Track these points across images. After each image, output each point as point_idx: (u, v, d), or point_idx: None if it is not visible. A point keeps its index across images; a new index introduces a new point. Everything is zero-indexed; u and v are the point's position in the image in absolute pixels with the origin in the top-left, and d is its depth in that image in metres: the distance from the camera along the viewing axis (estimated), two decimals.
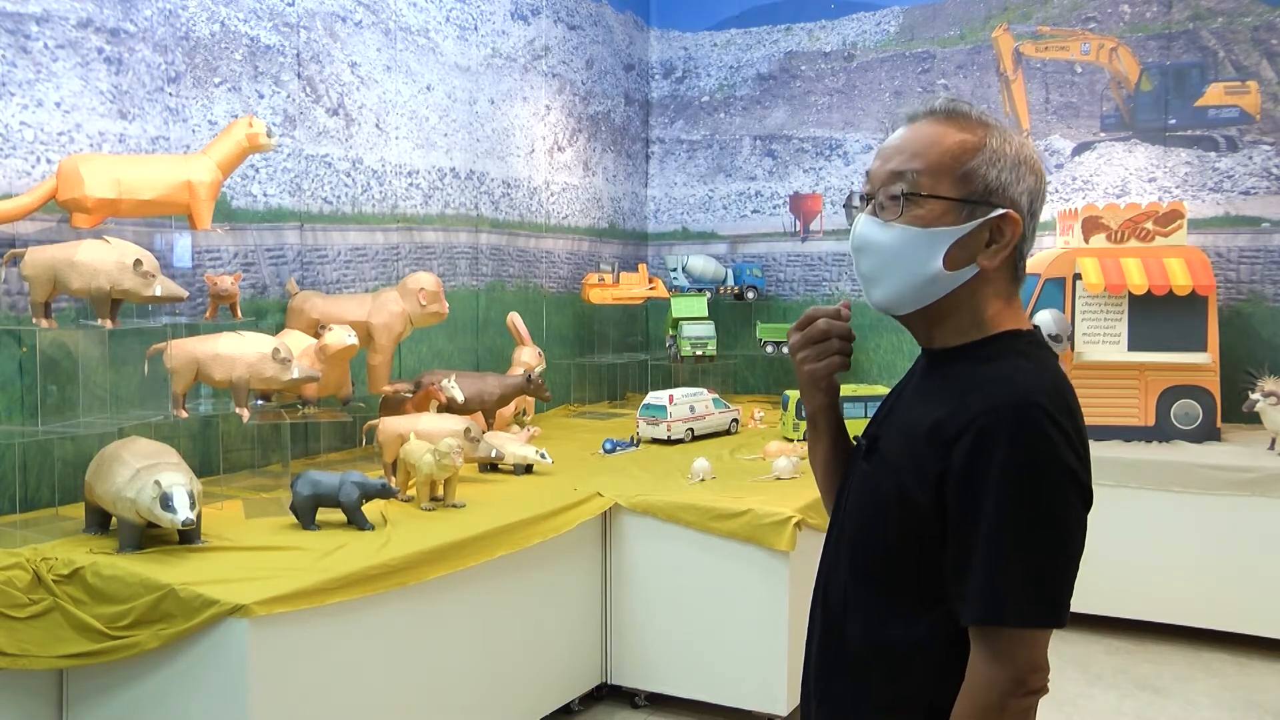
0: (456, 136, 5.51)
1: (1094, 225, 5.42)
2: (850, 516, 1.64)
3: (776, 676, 3.82)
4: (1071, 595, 1.47)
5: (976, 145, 1.54)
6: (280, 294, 4.46)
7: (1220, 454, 4.95)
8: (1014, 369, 1.50)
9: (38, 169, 3.57)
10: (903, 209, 1.55)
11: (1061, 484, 1.43)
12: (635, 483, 4.23)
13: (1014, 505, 1.42)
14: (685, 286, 6.54)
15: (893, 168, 1.57)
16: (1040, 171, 1.60)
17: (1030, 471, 1.42)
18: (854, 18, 6.75)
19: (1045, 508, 1.43)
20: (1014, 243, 1.56)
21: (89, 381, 3.69)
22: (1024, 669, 1.44)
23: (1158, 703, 4.31)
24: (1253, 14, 5.80)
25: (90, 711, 2.95)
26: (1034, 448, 1.42)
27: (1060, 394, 1.48)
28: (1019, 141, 1.58)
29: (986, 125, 1.56)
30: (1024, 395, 1.45)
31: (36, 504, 3.54)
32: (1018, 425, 1.43)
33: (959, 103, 1.59)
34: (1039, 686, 1.46)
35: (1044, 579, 1.44)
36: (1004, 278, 1.58)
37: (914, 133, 1.58)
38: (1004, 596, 1.43)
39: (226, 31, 4.22)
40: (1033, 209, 1.58)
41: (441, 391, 4.34)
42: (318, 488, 3.39)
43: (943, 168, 1.54)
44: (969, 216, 1.53)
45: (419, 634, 3.25)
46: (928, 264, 1.54)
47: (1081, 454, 1.47)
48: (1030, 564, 1.43)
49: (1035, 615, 1.44)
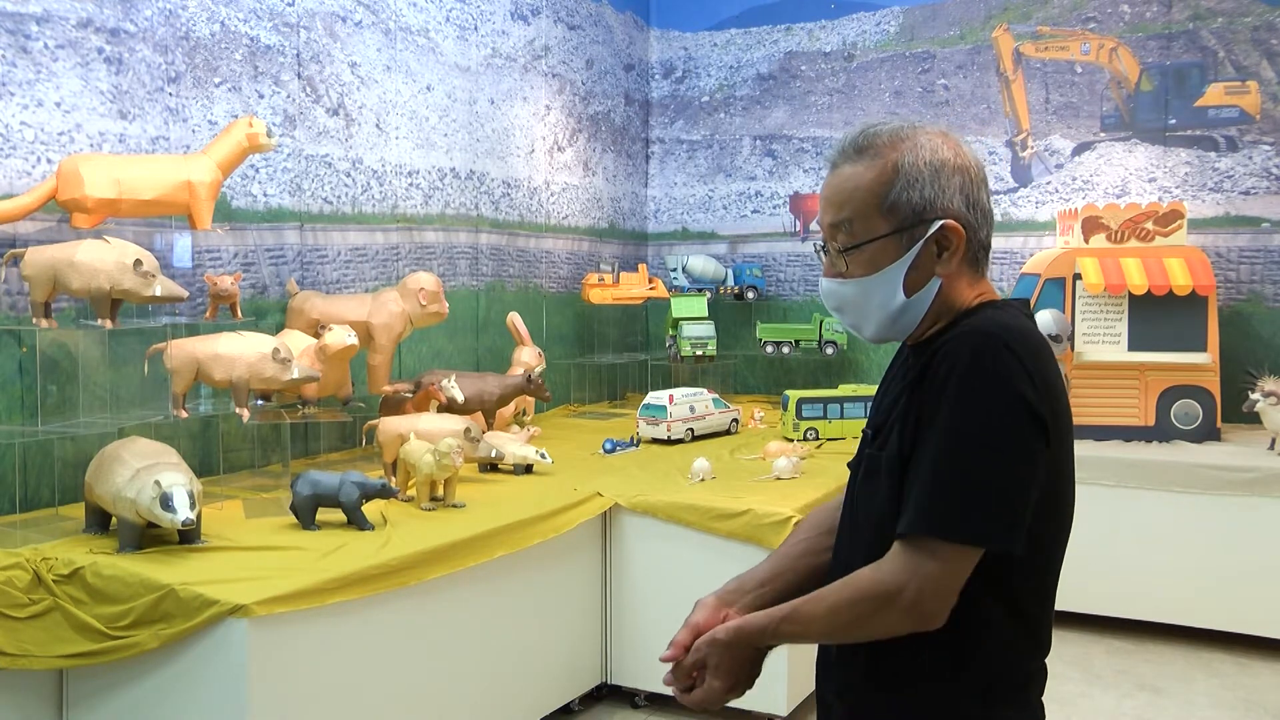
0: (456, 136, 5.51)
1: (1094, 225, 5.42)
2: (859, 504, 1.66)
3: (776, 676, 3.82)
4: (1019, 522, 1.46)
5: (891, 174, 1.57)
6: (280, 294, 4.46)
7: (1220, 454, 4.95)
8: (983, 316, 1.57)
9: (38, 169, 3.57)
10: (848, 261, 1.62)
11: (1013, 408, 1.45)
12: (635, 483, 4.23)
13: (958, 421, 1.46)
14: (685, 286, 6.54)
15: (829, 221, 1.64)
16: (967, 165, 1.61)
17: (980, 393, 1.46)
18: (854, 18, 6.75)
19: (991, 427, 1.45)
20: (962, 245, 1.59)
21: (89, 381, 3.69)
22: (919, 589, 1.44)
23: (1158, 703, 4.31)
24: (1253, 14, 5.80)
25: (90, 711, 2.95)
26: (986, 371, 1.47)
27: (1027, 335, 1.52)
28: (934, 147, 1.59)
29: (899, 145, 1.59)
30: (986, 327, 1.52)
31: (36, 504, 3.54)
32: (974, 350, 1.49)
33: (868, 131, 1.62)
34: (924, 614, 1.45)
35: (979, 495, 1.44)
36: (966, 272, 1.63)
37: (837, 180, 1.62)
38: (934, 507, 1.45)
39: (226, 31, 4.22)
40: (970, 203, 1.60)
41: (441, 391, 4.34)
42: (318, 488, 3.39)
43: (869, 207, 1.58)
44: (910, 241, 1.58)
45: (419, 634, 3.25)
46: (893, 299, 1.61)
47: (1041, 390, 1.48)
48: (967, 478, 1.45)
49: (961, 528, 1.44)
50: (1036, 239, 6.25)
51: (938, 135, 1.61)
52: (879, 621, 1.49)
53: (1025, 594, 1.56)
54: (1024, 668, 1.59)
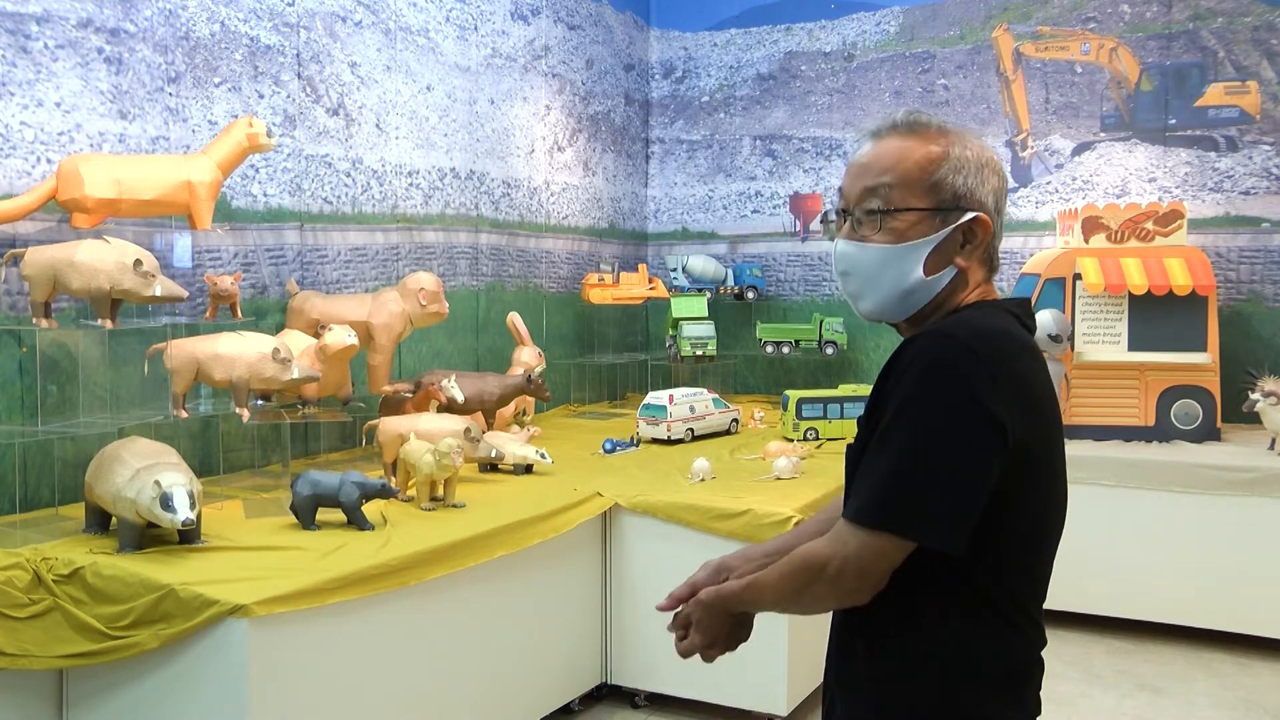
0: (456, 136, 5.51)
1: (1094, 225, 5.42)
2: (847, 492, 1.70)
3: (776, 676, 3.82)
4: (958, 522, 1.48)
5: (941, 155, 1.63)
6: (280, 294, 4.46)
7: (1220, 454, 4.95)
8: (956, 319, 1.61)
9: (38, 169, 3.57)
10: (880, 224, 1.64)
11: (966, 409, 1.48)
12: (635, 483, 4.23)
13: (909, 417, 1.50)
14: (685, 286, 6.54)
15: (865, 184, 1.66)
16: (1001, 171, 1.70)
17: (933, 392, 1.49)
18: (854, 18, 6.75)
19: (938, 427, 1.48)
20: (986, 241, 1.66)
21: (89, 381, 3.69)
22: (841, 564, 1.51)
23: (1158, 703, 4.31)
24: (1253, 14, 5.80)
25: (90, 711, 2.95)
26: (942, 371, 1.50)
27: (995, 337, 1.55)
28: (978, 146, 1.67)
29: (947, 134, 1.66)
30: (952, 328, 1.55)
31: (36, 504, 3.54)
32: (935, 349, 1.52)
33: (919, 114, 1.68)
34: (846, 589, 1.53)
35: (915, 489, 1.48)
36: (979, 271, 1.68)
37: (881, 148, 1.66)
38: (871, 496, 1.51)
39: (226, 31, 4.22)
40: (998, 207, 1.68)
41: (441, 391, 4.34)
42: (318, 488, 3.39)
43: (913, 180, 1.63)
44: (942, 223, 1.63)
45: (419, 634, 3.25)
46: (909, 274, 1.64)
47: (1005, 392, 1.50)
48: (907, 473, 1.49)
49: (888, 519, 1.49)
50: (1036, 239, 6.25)
51: (979, 140, 1.70)
52: (810, 593, 1.57)
53: (1016, 591, 1.59)
54: (1016, 663, 1.61)
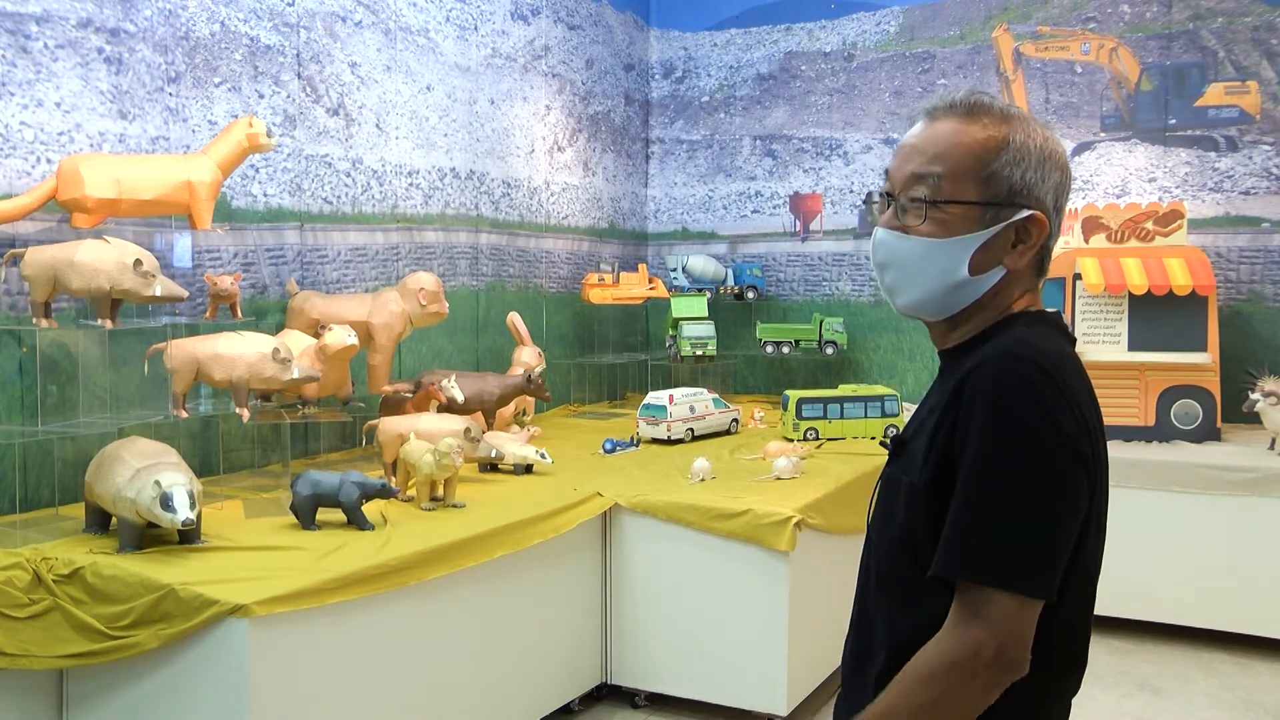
0: (456, 136, 5.51)
1: (1094, 225, 5.42)
2: (876, 519, 1.61)
3: (776, 676, 3.82)
4: (1055, 564, 1.36)
5: (1000, 144, 1.48)
6: (280, 294, 4.46)
7: (1220, 454, 4.95)
8: (1014, 336, 1.47)
9: (38, 169, 3.57)
10: (926, 214, 1.49)
11: (1043, 436, 1.35)
12: (635, 483, 4.23)
13: (988, 456, 1.36)
14: (685, 286, 6.54)
15: (913, 170, 1.51)
16: (1065, 165, 1.54)
17: (1008, 420, 1.36)
18: (854, 18, 6.75)
19: (1023, 461, 1.35)
20: (1040, 242, 1.52)
21: (89, 381, 3.69)
22: (1001, 634, 1.32)
23: (1158, 703, 4.31)
24: (1253, 14, 5.80)
25: (90, 711, 2.95)
26: (1015, 396, 1.36)
27: (1059, 357, 1.42)
28: (1043, 135, 1.51)
29: (1010, 120, 1.50)
30: (1015, 347, 1.41)
31: (36, 504, 3.54)
32: (1003, 372, 1.38)
33: (981, 95, 1.52)
34: (1016, 660, 1.34)
35: (1013, 536, 1.34)
36: (1029, 275, 1.55)
37: (934, 131, 1.51)
38: (969, 549, 1.35)
39: (226, 31, 4.22)
40: (1058, 205, 1.53)
41: (441, 391, 4.34)
42: (318, 488, 3.39)
43: (965, 170, 1.48)
44: (994, 220, 1.49)
45: (419, 634, 3.25)
46: (953, 272, 1.50)
47: (1078, 416, 1.39)
48: (999, 518, 1.34)
49: (996, 573, 1.33)
50: None
51: (1044, 128, 1.54)
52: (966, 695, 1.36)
53: (1068, 633, 1.49)
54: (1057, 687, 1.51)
